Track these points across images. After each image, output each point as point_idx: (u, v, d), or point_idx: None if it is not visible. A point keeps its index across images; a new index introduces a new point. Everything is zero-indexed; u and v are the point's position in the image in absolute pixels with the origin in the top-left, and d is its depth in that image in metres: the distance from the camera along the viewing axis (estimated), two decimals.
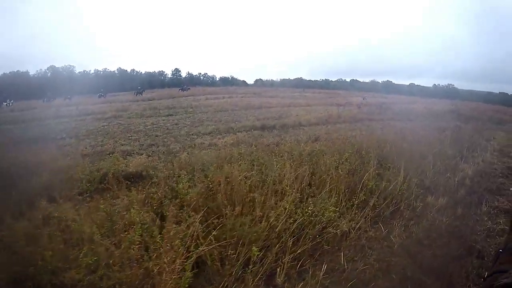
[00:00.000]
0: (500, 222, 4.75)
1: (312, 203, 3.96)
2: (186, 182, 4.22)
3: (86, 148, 8.77)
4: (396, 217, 4.56)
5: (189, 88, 23.86)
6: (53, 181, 5.29)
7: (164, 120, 11.96)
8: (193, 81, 30.17)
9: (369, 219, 4.31)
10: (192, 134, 9.30)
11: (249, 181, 4.20)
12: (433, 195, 5.31)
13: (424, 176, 6.17)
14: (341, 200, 4.37)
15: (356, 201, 4.45)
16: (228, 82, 31.05)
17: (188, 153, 6.57)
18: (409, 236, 4.09)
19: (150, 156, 7.07)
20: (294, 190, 4.17)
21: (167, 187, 4.37)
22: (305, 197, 4.25)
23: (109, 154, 7.93)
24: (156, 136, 9.37)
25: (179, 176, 4.65)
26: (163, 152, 7.42)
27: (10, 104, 18.99)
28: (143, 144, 8.52)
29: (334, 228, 3.79)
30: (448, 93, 18.03)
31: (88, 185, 5.52)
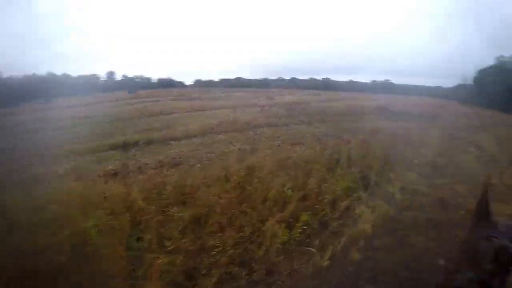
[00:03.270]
0: None
1: None
2: None
3: None
4: None
5: (136, 91, 22.29)
6: None
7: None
8: (128, 83, 27.90)
9: None
10: None
11: None
12: None
13: None
14: None
15: None
16: (166, 84, 28.96)
17: None
18: None
19: None
20: None
21: None
22: None
23: None
24: None
25: None
26: None
27: None
28: None
29: None
30: (385, 88, 18.13)
31: None
